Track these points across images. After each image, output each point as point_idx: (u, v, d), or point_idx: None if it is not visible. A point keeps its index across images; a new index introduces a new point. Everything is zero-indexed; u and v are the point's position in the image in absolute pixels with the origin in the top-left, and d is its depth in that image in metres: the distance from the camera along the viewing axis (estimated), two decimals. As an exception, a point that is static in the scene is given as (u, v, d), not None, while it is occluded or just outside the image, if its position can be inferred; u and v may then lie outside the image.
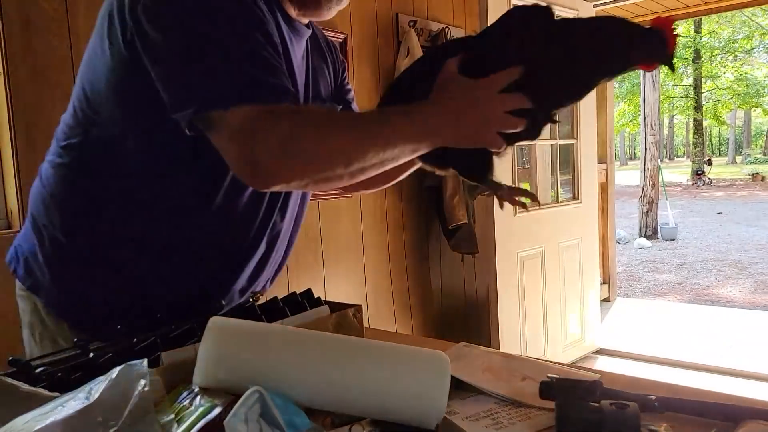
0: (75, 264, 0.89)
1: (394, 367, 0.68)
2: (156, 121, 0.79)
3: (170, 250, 0.87)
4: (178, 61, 0.74)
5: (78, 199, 0.88)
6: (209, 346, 0.67)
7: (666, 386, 0.83)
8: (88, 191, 0.88)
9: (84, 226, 0.88)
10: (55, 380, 0.70)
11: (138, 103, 0.81)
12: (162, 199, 0.85)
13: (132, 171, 0.85)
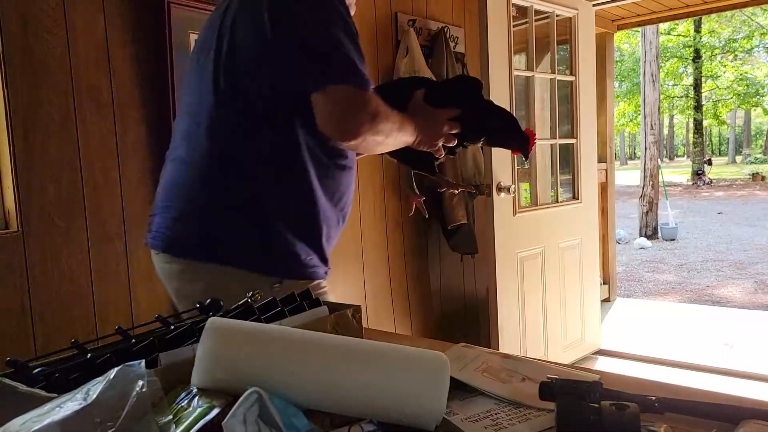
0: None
1: (393, 368, 0.68)
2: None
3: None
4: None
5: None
6: (208, 346, 0.67)
7: (666, 386, 0.82)
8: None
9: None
10: (53, 381, 0.70)
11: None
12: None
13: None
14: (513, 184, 2.65)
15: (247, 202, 1.12)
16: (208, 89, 1.13)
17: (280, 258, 1.14)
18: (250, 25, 1.09)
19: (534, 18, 2.86)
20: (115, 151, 1.72)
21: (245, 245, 1.13)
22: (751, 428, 0.65)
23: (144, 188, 1.79)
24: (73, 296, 1.63)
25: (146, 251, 1.77)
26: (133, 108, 1.76)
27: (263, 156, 1.12)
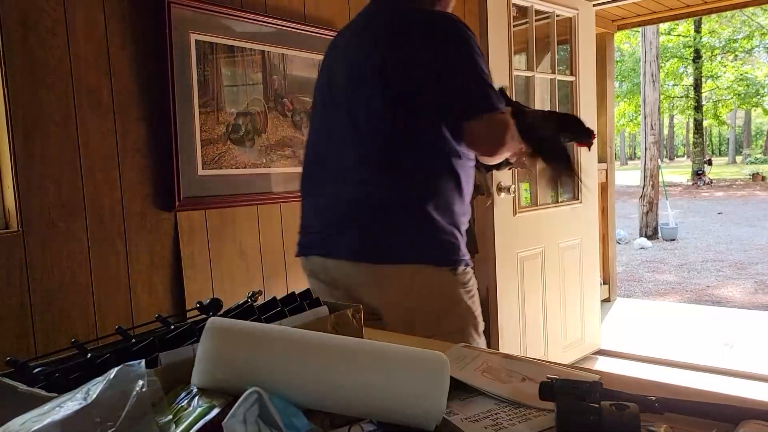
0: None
1: (393, 368, 0.68)
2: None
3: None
4: None
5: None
6: (208, 346, 0.67)
7: (666, 386, 0.82)
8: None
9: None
10: (53, 381, 0.70)
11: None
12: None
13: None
14: (513, 184, 2.65)
15: (422, 210, 1.32)
16: (377, 117, 1.32)
17: (450, 251, 1.35)
18: (409, 60, 1.29)
19: (534, 18, 2.86)
20: (115, 151, 1.72)
21: (427, 245, 1.33)
22: (751, 428, 0.65)
23: (144, 188, 1.79)
24: (73, 296, 1.63)
25: (146, 251, 1.78)
26: (133, 108, 1.76)
27: (431, 171, 1.34)
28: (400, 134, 1.33)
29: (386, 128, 1.33)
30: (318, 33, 2.27)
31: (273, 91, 2.14)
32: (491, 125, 1.28)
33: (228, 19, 1.96)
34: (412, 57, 1.28)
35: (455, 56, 1.28)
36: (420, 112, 1.31)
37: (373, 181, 1.34)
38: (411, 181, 1.33)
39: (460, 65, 1.28)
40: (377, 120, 1.33)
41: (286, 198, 2.20)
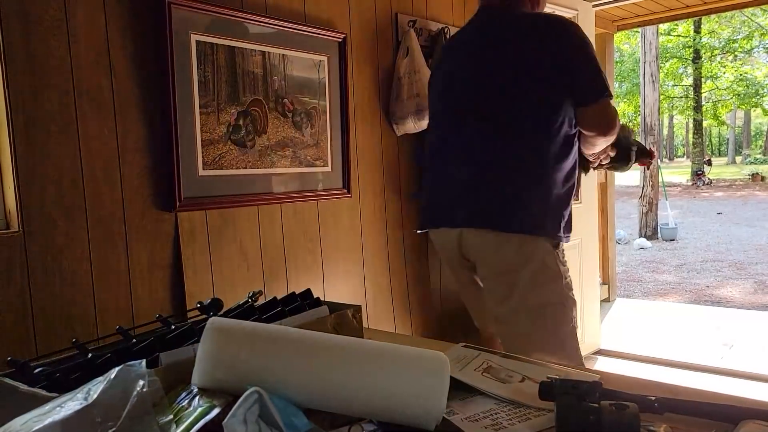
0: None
1: (394, 368, 0.68)
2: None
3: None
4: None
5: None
6: (208, 346, 0.67)
7: (666, 387, 0.83)
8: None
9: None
10: (54, 381, 0.70)
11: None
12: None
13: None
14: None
15: (538, 188, 1.52)
16: (506, 105, 1.54)
17: (556, 228, 1.55)
18: (540, 54, 1.51)
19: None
20: (116, 151, 1.72)
21: (538, 219, 1.52)
22: (751, 428, 0.65)
23: (145, 189, 1.79)
24: (73, 296, 1.63)
25: (147, 251, 1.78)
26: (133, 108, 1.76)
27: (557, 151, 1.53)
28: (525, 120, 1.53)
29: (515, 115, 1.54)
30: (318, 33, 2.27)
31: (273, 92, 2.14)
32: (608, 109, 1.55)
33: (228, 19, 1.97)
34: (542, 51, 1.51)
35: (579, 51, 1.52)
36: (548, 99, 1.52)
37: (497, 162, 1.56)
38: (531, 163, 1.53)
39: (583, 58, 1.52)
40: (507, 107, 1.54)
41: (287, 198, 2.20)
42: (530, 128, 1.53)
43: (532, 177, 1.53)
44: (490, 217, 1.55)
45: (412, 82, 2.57)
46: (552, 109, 1.53)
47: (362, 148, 2.52)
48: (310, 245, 2.31)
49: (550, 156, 1.53)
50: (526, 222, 1.52)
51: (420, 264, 2.86)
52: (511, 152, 1.55)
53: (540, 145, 1.53)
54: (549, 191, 1.53)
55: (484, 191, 1.57)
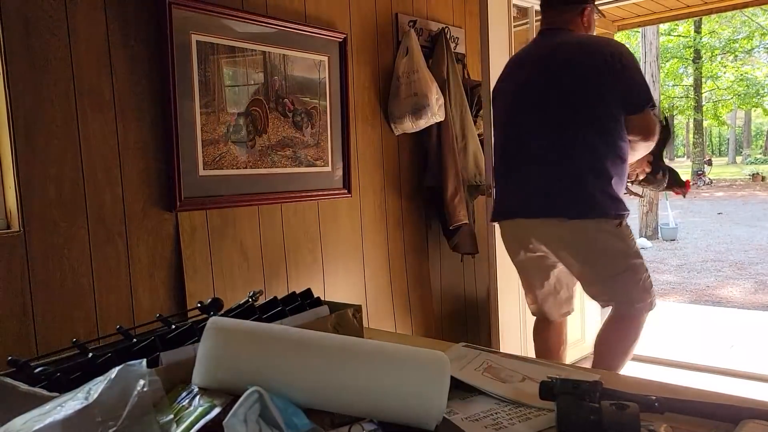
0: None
1: (394, 368, 0.68)
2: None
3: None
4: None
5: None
6: (209, 346, 0.67)
7: (666, 386, 0.83)
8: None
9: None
10: (54, 380, 0.70)
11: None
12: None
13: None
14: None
15: (600, 180, 1.86)
16: (571, 111, 1.88)
17: (617, 208, 1.89)
18: (599, 71, 1.85)
19: (534, 19, 2.86)
20: (116, 151, 1.72)
21: (602, 205, 1.87)
22: (751, 428, 0.65)
23: (145, 188, 1.79)
24: (74, 296, 1.63)
25: (147, 251, 1.78)
26: (134, 108, 1.76)
27: (614, 153, 1.87)
28: (588, 124, 1.87)
29: (579, 123, 1.87)
30: (319, 33, 2.27)
31: (274, 92, 2.14)
32: (649, 117, 1.90)
33: (229, 19, 1.97)
34: (603, 70, 1.85)
35: (632, 70, 1.88)
36: (607, 110, 1.86)
37: (565, 163, 1.89)
38: (593, 163, 1.87)
39: (635, 75, 1.89)
40: (572, 117, 1.88)
41: (287, 198, 2.20)
42: (592, 134, 1.87)
43: (594, 174, 1.87)
44: (566, 208, 1.89)
45: (411, 81, 2.56)
46: (610, 117, 1.87)
47: (362, 147, 2.52)
48: (311, 245, 2.31)
49: (608, 156, 1.88)
50: (594, 209, 1.87)
51: (420, 264, 2.86)
52: (576, 154, 1.89)
53: (600, 147, 1.87)
54: (608, 183, 1.87)
55: (556, 188, 1.91)
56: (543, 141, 1.93)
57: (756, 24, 17.52)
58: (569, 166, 1.89)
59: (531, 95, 1.98)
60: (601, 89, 1.85)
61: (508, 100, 2.08)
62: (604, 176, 1.87)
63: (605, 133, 1.87)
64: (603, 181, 1.87)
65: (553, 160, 1.91)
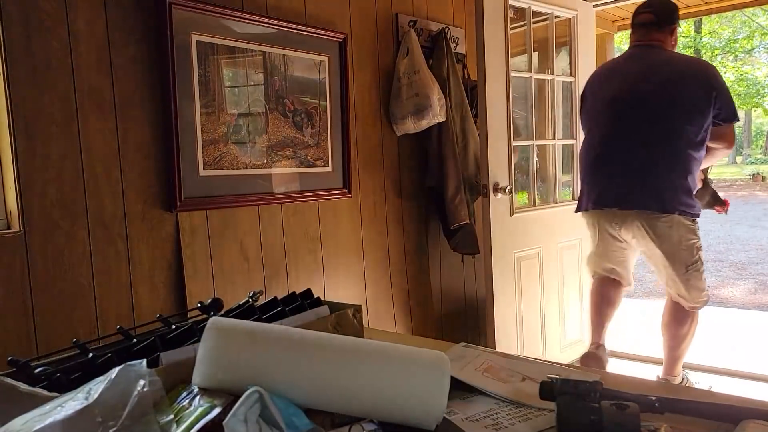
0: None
1: (394, 368, 0.68)
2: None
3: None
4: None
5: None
6: (209, 346, 0.67)
7: (666, 386, 0.83)
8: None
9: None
10: (55, 380, 0.70)
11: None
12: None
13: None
14: (510, 184, 2.65)
15: (684, 180, 2.24)
16: (663, 120, 2.25)
17: (694, 208, 2.29)
18: (693, 87, 2.24)
19: (535, 19, 2.87)
20: (116, 151, 1.73)
21: (683, 203, 2.25)
22: (751, 428, 0.65)
23: (145, 189, 1.79)
24: (74, 296, 1.63)
25: (148, 251, 1.78)
26: (134, 108, 1.76)
27: (695, 157, 2.25)
28: (687, 132, 2.21)
29: (669, 130, 2.23)
30: (319, 34, 2.27)
31: (274, 92, 2.14)
32: (732, 128, 2.32)
33: (229, 19, 1.97)
34: (697, 86, 2.22)
35: (721, 87, 2.25)
36: (697, 120, 2.21)
37: (656, 164, 2.25)
38: (679, 165, 2.23)
39: (728, 93, 2.26)
40: (676, 121, 2.23)
41: (287, 198, 2.20)
42: (687, 140, 2.22)
43: (680, 175, 2.23)
44: (659, 203, 2.25)
45: (412, 82, 2.57)
46: (699, 127, 2.22)
47: (362, 148, 2.52)
48: (311, 245, 2.31)
49: (692, 160, 2.24)
50: (681, 205, 2.25)
51: (421, 264, 2.86)
52: (665, 157, 2.24)
53: (686, 153, 2.23)
54: (690, 183, 2.25)
55: (649, 185, 2.27)
56: (637, 146, 2.30)
57: (756, 24, 17.52)
58: (660, 168, 2.25)
59: (624, 106, 2.34)
60: (703, 104, 2.22)
61: (599, 109, 2.44)
62: (690, 180, 2.26)
63: (697, 143, 2.24)
64: (689, 184, 2.26)
65: (648, 163, 2.27)
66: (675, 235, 2.29)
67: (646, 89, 2.28)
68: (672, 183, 2.23)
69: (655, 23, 2.40)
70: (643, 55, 2.39)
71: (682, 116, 2.21)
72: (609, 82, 2.43)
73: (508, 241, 2.69)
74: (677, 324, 2.47)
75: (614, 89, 2.38)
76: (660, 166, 2.24)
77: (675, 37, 2.46)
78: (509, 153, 2.67)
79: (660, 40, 2.40)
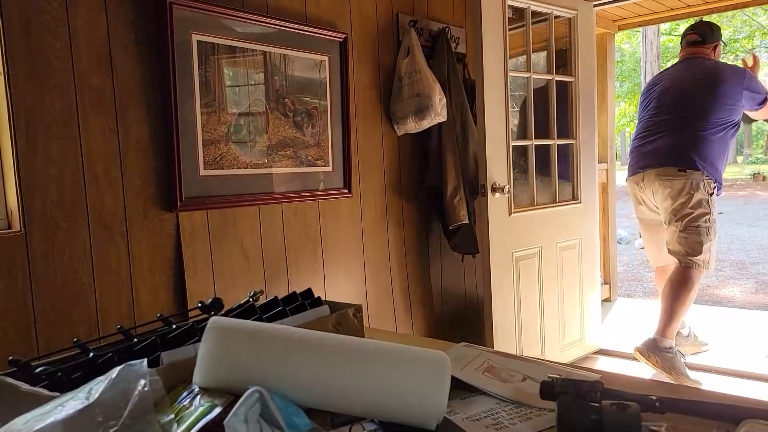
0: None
1: (395, 368, 0.68)
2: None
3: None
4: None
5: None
6: (209, 346, 0.67)
7: (666, 386, 0.83)
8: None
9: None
10: (55, 380, 0.70)
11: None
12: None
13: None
14: (508, 184, 2.65)
15: (716, 157, 2.84)
16: (704, 113, 2.84)
17: (719, 182, 2.87)
18: (731, 85, 2.87)
19: (535, 19, 2.86)
20: (117, 151, 1.73)
21: (716, 173, 2.84)
22: (752, 428, 0.65)
23: (146, 188, 1.79)
24: (75, 296, 1.63)
25: (148, 251, 1.79)
26: (135, 108, 1.76)
27: (718, 137, 2.84)
28: (709, 120, 2.82)
29: (702, 118, 2.83)
30: (319, 33, 2.27)
31: (274, 92, 2.14)
32: (766, 106, 2.97)
33: (229, 19, 1.97)
34: (734, 84, 2.86)
35: (751, 82, 2.90)
36: (729, 111, 2.84)
37: (685, 140, 2.84)
38: (703, 141, 2.81)
39: (756, 86, 2.92)
40: (698, 115, 2.84)
41: (288, 198, 2.20)
42: (707, 122, 2.81)
43: (702, 148, 2.80)
44: (676, 160, 2.83)
45: (413, 82, 2.56)
46: (729, 115, 2.84)
47: (363, 147, 2.52)
48: (311, 245, 2.31)
49: (714, 140, 2.82)
50: (696, 163, 2.79)
51: (421, 263, 2.86)
52: (693, 134, 2.82)
53: (709, 132, 2.81)
54: (710, 155, 2.80)
55: (677, 151, 2.85)
56: (680, 122, 2.88)
57: (757, 24, 17.50)
58: (687, 141, 2.83)
59: (671, 99, 2.96)
60: (731, 100, 2.84)
61: (651, 102, 3.05)
62: (710, 151, 2.81)
63: (718, 127, 2.83)
64: (708, 154, 2.80)
65: (679, 138, 2.86)
66: (691, 191, 2.80)
67: (689, 83, 2.94)
68: (691, 149, 2.80)
69: (700, 41, 3.11)
70: (690, 63, 3.06)
71: (715, 110, 2.81)
72: (661, 82, 3.08)
73: (506, 241, 2.69)
74: (677, 286, 2.89)
75: (664, 85, 3.04)
76: (685, 142, 2.83)
77: (717, 52, 3.13)
78: (508, 153, 2.67)
79: (703, 53, 3.07)
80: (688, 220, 2.82)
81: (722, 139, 2.86)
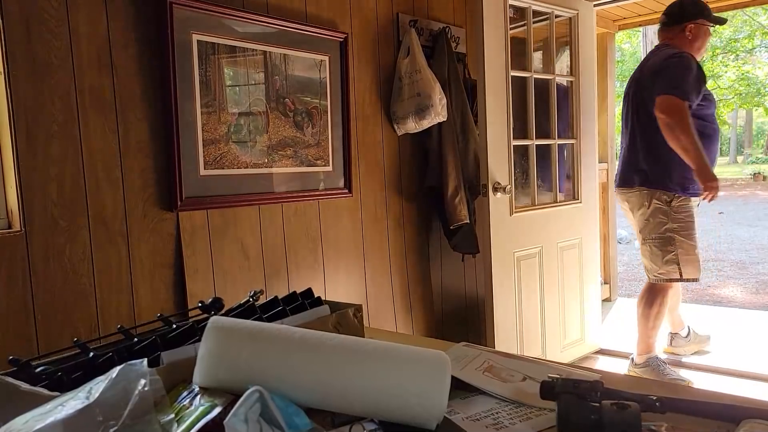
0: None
1: (395, 367, 0.68)
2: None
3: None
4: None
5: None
6: (209, 345, 0.67)
7: (667, 386, 0.82)
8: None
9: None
10: (56, 380, 0.70)
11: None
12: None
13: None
14: (509, 184, 2.65)
15: (665, 161, 2.55)
16: (646, 118, 2.59)
17: (679, 184, 2.60)
18: (654, 85, 2.55)
19: (535, 19, 2.86)
20: (117, 151, 1.73)
21: (667, 179, 2.59)
22: (752, 427, 0.65)
23: (146, 188, 1.79)
24: (75, 295, 1.63)
25: (148, 250, 1.79)
26: (135, 107, 1.76)
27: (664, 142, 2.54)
28: (651, 118, 2.53)
29: (645, 115, 2.59)
30: (319, 33, 2.27)
31: (275, 92, 2.14)
32: (666, 99, 2.48)
33: (230, 19, 1.97)
34: (653, 76, 2.59)
35: (666, 70, 2.53)
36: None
37: (634, 145, 2.68)
38: (651, 145, 2.61)
39: (669, 71, 2.51)
40: (641, 110, 2.62)
41: (288, 198, 2.20)
42: (651, 127, 2.55)
43: (651, 156, 2.63)
44: (624, 179, 2.76)
45: (413, 81, 2.56)
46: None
47: (363, 147, 2.52)
48: (311, 245, 2.31)
49: (658, 142, 2.53)
50: (647, 182, 2.65)
51: (421, 263, 2.86)
52: (635, 148, 2.67)
53: (653, 138, 2.57)
54: (661, 163, 2.58)
55: (624, 168, 2.76)
56: (632, 129, 2.70)
57: (757, 23, 17.50)
58: (642, 150, 2.65)
59: (629, 96, 2.71)
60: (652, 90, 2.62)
61: (623, 99, 2.83)
62: (660, 160, 2.59)
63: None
64: (659, 163, 2.59)
65: (633, 145, 2.68)
66: (642, 208, 2.69)
67: (637, 85, 2.67)
68: (635, 165, 2.64)
69: (664, 23, 2.68)
70: (651, 57, 2.67)
71: (650, 107, 2.52)
72: (630, 81, 2.84)
73: (507, 241, 2.69)
74: (641, 303, 2.78)
75: (626, 87, 2.80)
76: (638, 150, 2.65)
77: (689, 33, 2.61)
78: (509, 152, 2.67)
79: (668, 39, 2.65)
80: (645, 234, 2.70)
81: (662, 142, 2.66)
